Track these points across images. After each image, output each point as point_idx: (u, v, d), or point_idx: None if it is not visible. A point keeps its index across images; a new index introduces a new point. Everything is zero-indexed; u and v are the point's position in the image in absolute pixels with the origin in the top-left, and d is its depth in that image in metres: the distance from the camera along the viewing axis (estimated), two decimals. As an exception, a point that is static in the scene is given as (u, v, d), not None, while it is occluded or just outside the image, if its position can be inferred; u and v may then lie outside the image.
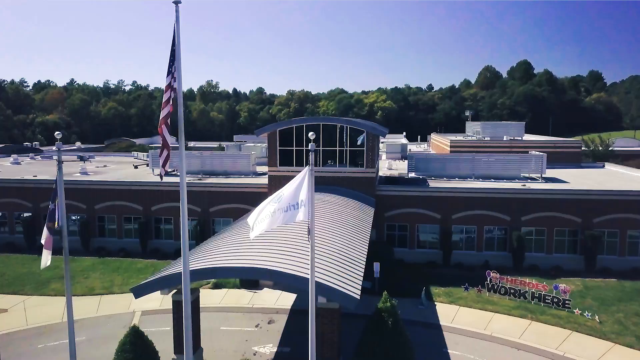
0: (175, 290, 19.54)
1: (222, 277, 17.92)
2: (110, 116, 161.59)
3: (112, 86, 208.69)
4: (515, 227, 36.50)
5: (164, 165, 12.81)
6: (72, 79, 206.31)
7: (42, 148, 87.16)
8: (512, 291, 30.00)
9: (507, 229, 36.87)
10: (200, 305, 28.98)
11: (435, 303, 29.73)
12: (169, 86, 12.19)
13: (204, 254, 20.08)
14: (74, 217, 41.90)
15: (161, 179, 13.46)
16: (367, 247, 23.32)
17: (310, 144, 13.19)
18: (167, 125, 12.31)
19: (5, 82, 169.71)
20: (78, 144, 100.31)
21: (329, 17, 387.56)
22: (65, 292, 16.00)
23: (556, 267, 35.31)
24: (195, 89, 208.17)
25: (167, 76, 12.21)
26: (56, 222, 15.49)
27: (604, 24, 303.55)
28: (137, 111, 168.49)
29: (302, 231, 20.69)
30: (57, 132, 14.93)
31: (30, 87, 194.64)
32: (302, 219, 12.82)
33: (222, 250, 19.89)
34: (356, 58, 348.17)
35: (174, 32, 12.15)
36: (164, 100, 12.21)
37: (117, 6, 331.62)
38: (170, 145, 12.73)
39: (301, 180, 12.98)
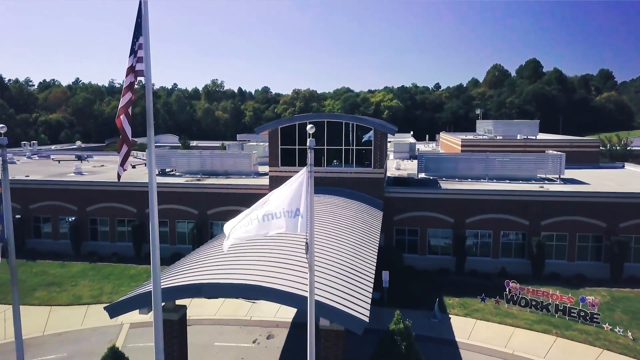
0: (164, 303, 17.19)
1: (210, 295, 15.54)
2: (113, 115, 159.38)
3: (118, 85, 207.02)
4: (534, 232, 33.95)
5: (122, 164, 10.39)
6: (77, 78, 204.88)
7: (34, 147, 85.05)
8: (534, 303, 27.49)
9: (526, 234, 34.33)
10: (194, 318, 26.85)
11: (450, 316, 27.28)
12: (131, 68, 9.79)
13: (190, 266, 17.76)
14: (68, 219, 39.75)
15: (118, 179, 11.11)
16: (375, 256, 20.92)
17: (309, 140, 10.77)
18: (127, 116, 9.91)
19: (10, 81, 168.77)
20: (78, 143, 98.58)
21: (334, 16, 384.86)
22: (13, 309, 13.54)
23: (579, 276, 32.72)
24: (200, 88, 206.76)
25: (130, 56, 9.83)
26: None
27: (614, 23, 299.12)
28: (141, 110, 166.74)
29: (303, 239, 18.33)
30: (1, 125, 12.55)
31: (36, 87, 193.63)
32: (298, 232, 10.44)
33: (211, 262, 17.56)
34: (362, 57, 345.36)
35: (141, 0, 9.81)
36: (124, 86, 9.84)
37: (123, 5, 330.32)
38: (131, 140, 10.28)
39: (297, 183, 10.61)
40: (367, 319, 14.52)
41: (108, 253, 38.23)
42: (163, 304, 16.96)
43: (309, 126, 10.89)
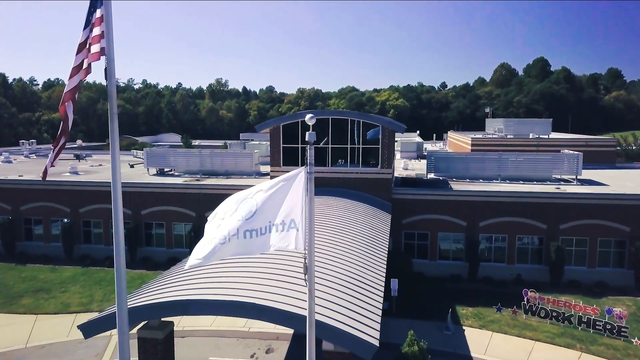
0: (141, 325, 15.37)
1: (197, 313, 13.66)
2: (117, 114, 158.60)
3: (122, 84, 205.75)
4: (552, 236, 31.88)
5: (53, 160, 8.43)
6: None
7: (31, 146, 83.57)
8: (555, 314, 25.46)
9: (543, 239, 32.27)
10: (188, 329, 24.99)
11: (464, 327, 25.28)
12: (84, 44, 7.87)
13: (178, 278, 15.86)
14: (63, 221, 37.91)
15: (43, 178, 9.14)
16: (385, 266, 19.01)
17: (308, 133, 8.79)
18: (74, 103, 7.96)
19: (14, 80, 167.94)
20: (79, 141, 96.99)
21: (339, 15, 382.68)
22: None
23: (600, 284, 30.65)
24: (204, 87, 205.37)
25: (84, 29, 7.91)
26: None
27: (622, 21, 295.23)
28: (145, 109, 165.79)
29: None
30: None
31: (40, 86, 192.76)
32: (293, 249, 8.47)
33: (201, 274, 15.65)
34: (367, 56, 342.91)
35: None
36: (73, 66, 7.89)
37: (127, 4, 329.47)
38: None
39: (292, 187, 8.62)
40: (377, 343, 12.64)
41: (101, 257, 36.38)
42: (145, 322, 15.19)
43: (308, 116, 8.89)
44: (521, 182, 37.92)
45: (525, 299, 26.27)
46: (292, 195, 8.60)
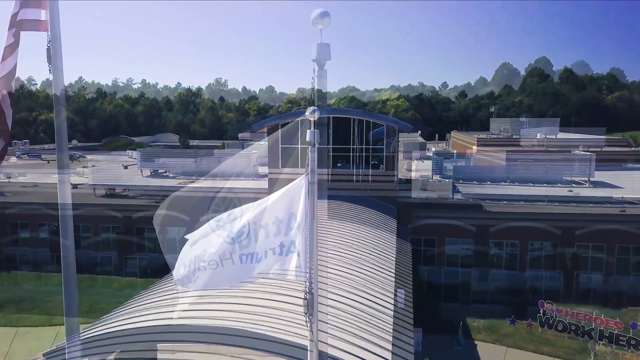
0: (118, 351, 13.58)
1: (180, 341, 11.88)
2: (116, 114, 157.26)
3: (121, 84, 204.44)
4: (567, 242, 30.10)
5: None
6: (81, 77, 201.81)
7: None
8: (573, 327, 23.69)
9: (558, 245, 30.50)
10: (179, 343, 23.26)
11: (476, 342, 23.56)
12: (15, 17, 6.08)
13: (163, 296, 14.10)
14: (54, 225, 36.10)
15: None
16: (393, 280, 17.24)
17: (309, 132, 7.02)
18: (10, 92, 6.20)
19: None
20: (74, 141, 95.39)
21: (339, 14, 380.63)
22: None
23: (618, 293, 28.91)
24: (204, 87, 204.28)
25: None
26: None
27: (625, 21, 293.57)
28: (144, 109, 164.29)
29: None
30: None
31: (38, 86, 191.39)
32: (293, 279, 6.72)
33: (188, 291, 13.88)
34: (368, 55, 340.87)
35: None
36: (6, 44, 6.13)
37: (127, 3, 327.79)
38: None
39: (288, 197, 6.89)
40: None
41: (91, 263, 34.59)
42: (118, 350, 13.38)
43: (309, 109, 7.12)
44: (530, 184, 36.29)
45: (541, 311, 24.50)
46: (293, 212, 6.85)
